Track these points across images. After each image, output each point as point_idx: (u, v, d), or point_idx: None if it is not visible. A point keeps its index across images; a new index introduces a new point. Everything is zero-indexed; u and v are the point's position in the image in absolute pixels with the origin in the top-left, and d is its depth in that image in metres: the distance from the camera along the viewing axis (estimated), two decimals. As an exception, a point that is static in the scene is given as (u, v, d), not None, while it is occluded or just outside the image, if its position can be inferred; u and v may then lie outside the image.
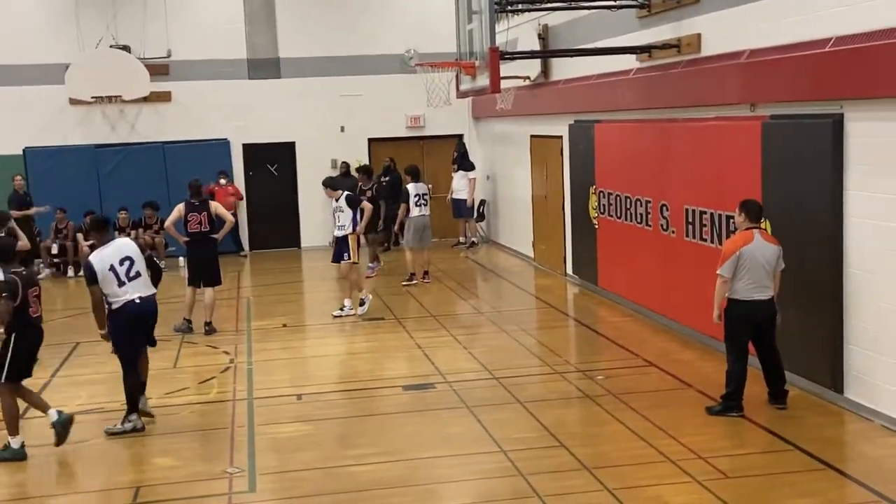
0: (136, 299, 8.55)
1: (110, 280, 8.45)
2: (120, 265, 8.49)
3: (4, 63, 18.89)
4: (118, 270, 8.47)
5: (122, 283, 8.48)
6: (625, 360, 10.55)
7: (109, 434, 8.56)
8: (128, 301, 8.51)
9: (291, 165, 20.48)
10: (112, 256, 8.50)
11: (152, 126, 19.75)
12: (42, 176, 18.92)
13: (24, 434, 8.35)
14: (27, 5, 19.12)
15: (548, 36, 15.51)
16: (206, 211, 12.58)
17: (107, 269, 8.43)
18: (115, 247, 8.63)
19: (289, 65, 20.21)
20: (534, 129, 16.83)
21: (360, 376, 10.59)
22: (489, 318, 13.13)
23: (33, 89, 18.93)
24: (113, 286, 8.46)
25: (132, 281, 8.53)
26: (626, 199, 12.71)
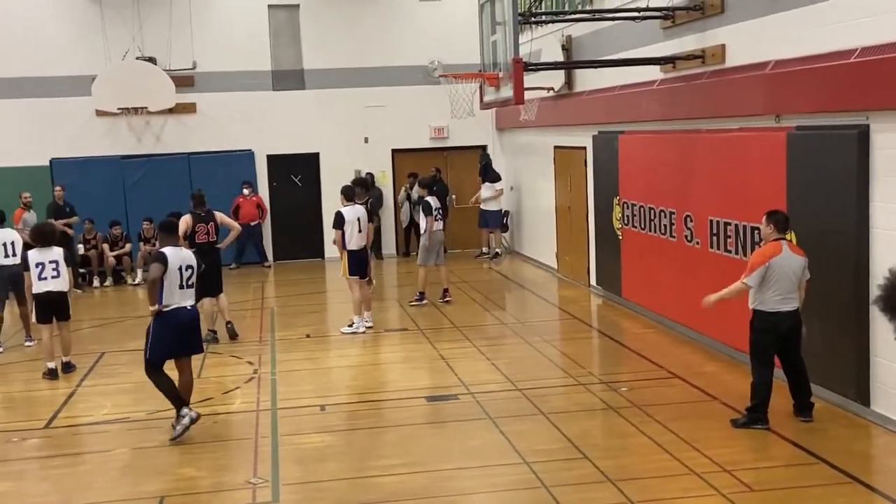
0: (188, 306, 8.82)
1: (175, 279, 8.66)
2: (185, 270, 8.76)
3: (32, 75, 19.12)
4: (183, 274, 8.73)
5: (182, 286, 8.73)
6: (648, 371, 10.50)
7: (174, 441, 8.60)
8: (181, 307, 8.72)
9: (315, 176, 20.56)
10: (180, 259, 8.77)
11: (177, 137, 19.90)
12: (69, 187, 19.05)
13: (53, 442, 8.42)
14: (55, 18, 19.35)
15: (571, 47, 15.51)
16: (213, 221, 12.64)
17: (176, 268, 8.69)
18: (184, 252, 8.97)
19: (313, 76, 20.32)
20: (557, 140, 16.82)
21: (383, 387, 10.61)
22: (512, 329, 13.11)
23: (60, 101, 19.15)
24: (175, 285, 8.67)
25: (188, 289, 8.81)
26: (650, 210, 12.67)
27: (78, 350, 12.16)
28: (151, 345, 8.72)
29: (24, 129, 19.13)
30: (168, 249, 8.79)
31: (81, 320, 14.63)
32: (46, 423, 9.46)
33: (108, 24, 19.22)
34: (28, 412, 10.10)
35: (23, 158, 19.00)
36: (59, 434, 9.17)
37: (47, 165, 19.24)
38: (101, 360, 12.04)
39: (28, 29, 19.14)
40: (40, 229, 11.51)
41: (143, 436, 8.89)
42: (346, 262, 12.96)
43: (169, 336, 8.69)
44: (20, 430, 9.26)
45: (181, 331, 8.78)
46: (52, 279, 10.98)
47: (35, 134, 19.15)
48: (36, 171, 18.87)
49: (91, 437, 9.05)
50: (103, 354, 12.28)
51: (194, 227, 12.48)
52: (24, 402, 10.54)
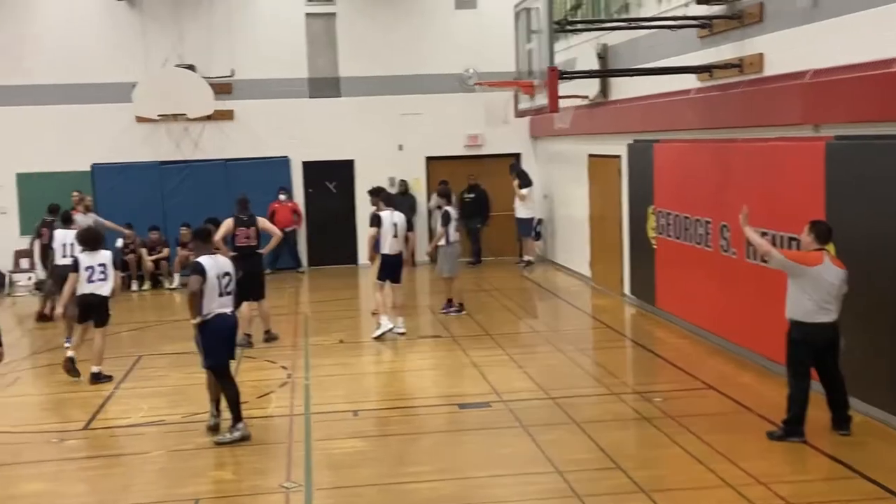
0: (228, 312, 8.88)
1: (214, 287, 8.72)
2: (223, 278, 8.83)
3: (74, 82, 19.42)
4: (221, 282, 8.79)
5: (221, 294, 8.79)
6: (683, 382, 10.43)
7: (219, 444, 8.71)
8: (221, 314, 8.78)
9: (350, 183, 20.66)
10: (217, 268, 8.83)
11: (215, 144, 20.10)
12: (109, 192, 19.37)
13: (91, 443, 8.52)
14: (97, 26, 19.63)
15: (607, 55, 15.48)
16: (254, 226, 12.79)
17: (214, 277, 8.73)
18: (221, 260, 9.03)
19: (348, 84, 20.44)
20: (592, 149, 16.79)
21: (416, 394, 10.64)
22: (545, 337, 13.08)
23: (101, 107, 19.43)
24: (214, 294, 8.73)
25: (227, 296, 8.87)
26: (685, 220, 12.60)
27: (116, 353, 12.32)
28: (206, 354, 8.84)
29: (66, 135, 19.41)
30: (205, 259, 8.85)
31: (120, 324, 14.77)
32: (85, 424, 9.59)
33: (149, 32, 19.49)
34: (67, 414, 10.23)
35: (65, 164, 19.28)
36: (96, 435, 9.29)
37: (89, 171, 19.51)
38: (138, 363, 12.18)
39: (70, 37, 19.44)
40: (88, 232, 11.64)
41: (179, 438, 8.99)
42: (378, 266, 13.06)
43: (219, 342, 8.81)
44: (59, 430, 9.40)
45: (228, 336, 8.90)
46: (99, 282, 11.12)
47: (77, 140, 19.44)
48: (78, 177, 19.12)
49: (128, 439, 9.15)
50: (141, 357, 12.42)
51: (235, 231, 12.63)
52: (63, 403, 10.67)
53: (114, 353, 12.15)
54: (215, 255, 9.04)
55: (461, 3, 20.52)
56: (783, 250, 8.62)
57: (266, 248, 13.07)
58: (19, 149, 19.35)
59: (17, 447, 8.98)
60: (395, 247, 13.18)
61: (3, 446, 9.01)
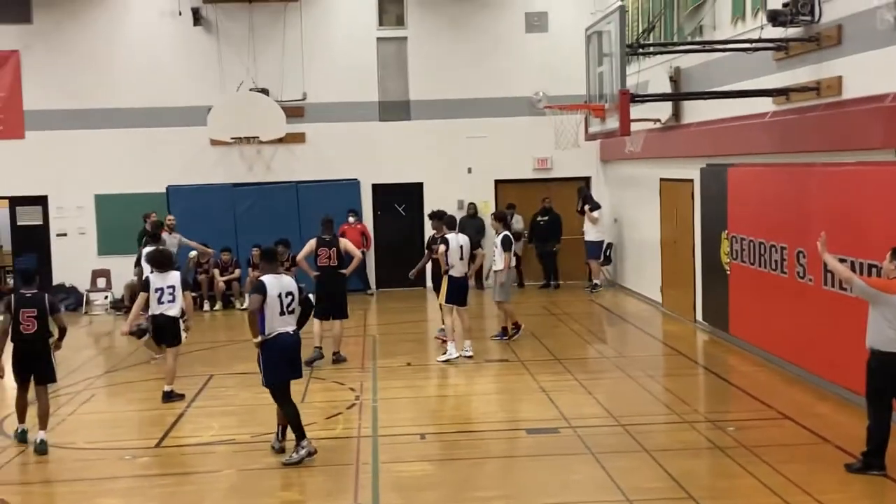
0: (291, 331, 8.93)
1: (275, 306, 8.81)
2: (285, 297, 8.90)
3: (152, 105, 19.90)
4: (283, 301, 8.86)
5: (283, 312, 8.86)
6: (757, 411, 10.19)
7: (286, 465, 8.75)
8: (283, 332, 8.86)
9: (419, 206, 20.75)
10: (280, 287, 8.91)
11: (286, 166, 20.39)
12: (183, 213, 19.72)
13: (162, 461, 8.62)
14: (174, 52, 20.11)
15: (680, 78, 15.32)
16: (336, 247, 13.04)
17: (276, 295, 8.82)
18: (285, 279, 9.09)
19: (419, 107, 20.58)
20: (663, 173, 16.60)
21: (483, 418, 10.57)
22: (615, 362, 12.92)
23: (177, 130, 19.88)
24: (275, 312, 8.81)
25: (290, 315, 8.94)
26: (760, 245, 12.35)
27: (188, 372, 12.51)
28: (265, 371, 8.91)
29: (142, 157, 19.90)
30: (267, 278, 8.93)
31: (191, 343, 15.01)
32: (157, 442, 9.73)
33: (225, 56, 19.91)
34: (140, 431, 10.40)
35: (141, 185, 19.76)
36: (168, 453, 9.42)
37: (164, 192, 19.94)
38: (209, 382, 12.34)
39: (149, 62, 19.95)
40: (158, 254, 11.89)
41: (248, 458, 9.06)
42: (445, 288, 13.06)
43: (278, 360, 8.86)
44: (132, 448, 9.55)
45: (287, 354, 8.92)
46: (168, 304, 11.34)
47: (153, 162, 19.90)
48: (153, 198, 19.56)
49: (199, 458, 9.27)
50: (212, 377, 12.59)
51: (317, 251, 12.98)
52: (137, 421, 10.86)
53: (186, 373, 12.34)
54: (280, 275, 9.09)
55: (532, 26, 20.55)
56: (864, 277, 8.38)
57: (348, 270, 13.25)
58: (98, 171, 19.88)
59: (91, 463, 9.16)
60: (462, 269, 13.21)
61: (79, 462, 9.20)
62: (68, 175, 19.86)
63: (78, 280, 19.67)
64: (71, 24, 19.87)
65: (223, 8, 19.99)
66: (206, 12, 19.95)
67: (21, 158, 19.75)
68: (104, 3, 19.96)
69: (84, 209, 20.01)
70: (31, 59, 19.82)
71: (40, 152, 19.77)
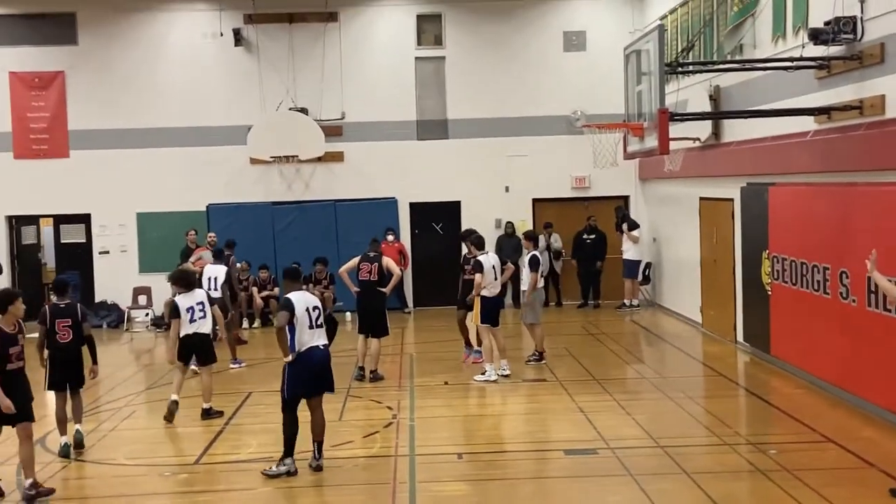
0: (321, 346, 9.08)
1: (304, 321, 8.96)
2: (313, 311, 9.05)
3: (194, 125, 20.16)
4: (311, 315, 9.00)
5: (312, 326, 9.01)
6: (799, 434, 10.04)
7: (266, 476, 8.91)
8: (314, 346, 9.01)
9: (456, 225, 20.74)
10: (305, 302, 9.06)
11: (325, 185, 20.53)
12: (222, 231, 19.87)
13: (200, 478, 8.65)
14: (215, 72, 20.36)
15: (719, 97, 15.22)
16: (378, 263, 13.17)
17: (303, 310, 8.97)
18: (308, 295, 9.25)
19: (456, 126, 20.63)
20: (703, 192, 16.47)
21: (520, 438, 10.52)
22: (654, 383, 12.79)
23: (218, 149, 20.11)
24: (305, 327, 8.96)
25: (319, 328, 9.09)
26: (802, 265, 12.20)
27: (226, 389, 12.59)
28: (287, 384, 9.06)
29: (183, 175, 20.15)
30: (293, 294, 9.07)
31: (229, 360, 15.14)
32: (196, 459, 9.79)
33: (265, 76, 20.14)
34: (179, 448, 10.49)
35: (182, 203, 20.01)
36: (207, 470, 9.47)
37: (204, 210, 20.16)
38: (247, 399, 12.40)
39: (190, 82, 20.23)
40: (183, 274, 11.92)
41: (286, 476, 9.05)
42: (479, 308, 13.03)
43: (303, 375, 8.99)
44: (171, 464, 9.63)
45: (314, 370, 9.04)
46: (199, 321, 11.37)
47: (194, 180, 20.13)
48: (194, 216, 19.78)
49: (237, 475, 9.30)
50: (250, 394, 12.65)
51: (359, 265, 13.18)
52: (176, 438, 10.94)
53: (224, 390, 12.42)
54: (303, 291, 9.24)
55: (570, 45, 20.55)
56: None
57: (388, 287, 13.32)
58: (140, 189, 20.16)
59: (131, 479, 9.23)
60: (494, 289, 13.17)
61: (119, 478, 9.28)
62: (111, 193, 20.15)
63: (119, 297, 19.92)
64: (115, 46, 20.21)
65: (264, 28, 20.23)
66: (247, 33, 20.20)
67: (65, 177, 20.08)
68: (147, 24, 20.28)
69: (126, 227, 20.28)
70: (76, 79, 20.18)
71: (84, 171, 20.10)
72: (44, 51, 20.13)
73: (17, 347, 8.60)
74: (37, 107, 20.18)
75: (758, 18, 13.60)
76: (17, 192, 20.04)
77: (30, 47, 20.11)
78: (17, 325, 8.68)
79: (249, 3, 19.92)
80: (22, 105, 20.13)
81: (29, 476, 8.52)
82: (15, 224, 20.63)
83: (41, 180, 20.03)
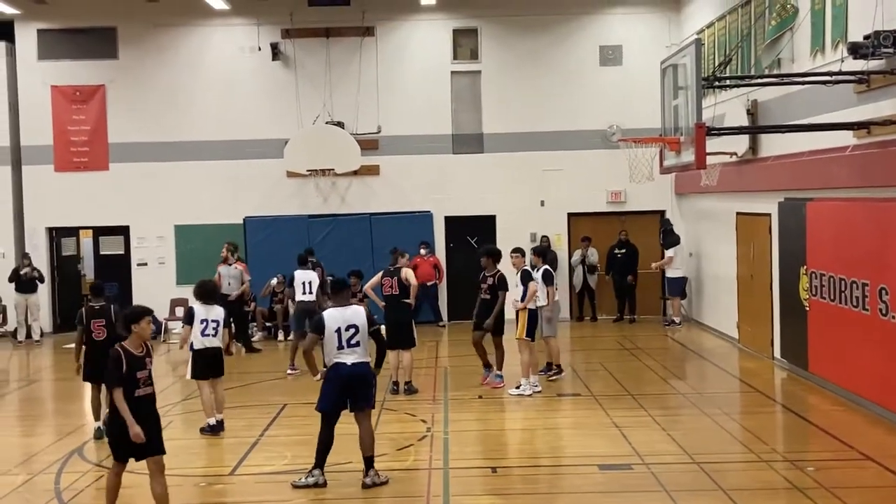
0: (348, 363, 9.02)
1: (332, 340, 9.03)
2: (346, 330, 9.03)
3: (231, 138, 20.39)
4: (342, 335, 9.03)
5: (342, 346, 9.03)
6: (838, 451, 9.90)
7: (294, 487, 9.00)
8: (339, 363, 9.03)
9: (491, 238, 20.71)
10: (342, 320, 9.06)
11: (361, 198, 20.64)
12: (259, 244, 20.14)
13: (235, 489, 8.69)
14: (253, 85, 20.57)
15: (757, 111, 15.12)
16: (397, 276, 13.35)
17: (333, 329, 9.02)
18: (350, 311, 9.18)
19: (492, 140, 20.66)
20: (740, 207, 16.35)
21: (555, 452, 10.49)
22: (690, 399, 12.69)
23: (255, 163, 20.31)
24: (332, 346, 9.04)
25: (350, 347, 9.05)
26: (841, 281, 12.07)
27: (261, 401, 12.69)
28: (319, 396, 9.22)
29: (221, 188, 20.38)
30: (329, 312, 9.13)
31: (265, 372, 15.27)
32: (231, 470, 9.86)
33: (302, 90, 20.32)
34: (216, 458, 10.56)
35: (220, 216, 20.23)
36: (242, 481, 9.53)
37: (241, 223, 20.34)
38: (283, 411, 12.47)
39: (228, 96, 20.46)
40: (204, 287, 11.75)
41: (319, 488, 9.08)
42: (524, 322, 12.96)
43: (332, 390, 9.08)
44: (207, 475, 9.70)
45: (343, 385, 9.04)
46: (212, 336, 11.29)
47: (231, 193, 20.35)
48: (231, 229, 19.98)
49: (271, 486, 9.33)
50: (285, 406, 12.72)
51: (381, 281, 13.43)
52: (211, 448, 11.02)
53: (259, 402, 12.51)
54: (345, 307, 9.20)
55: (606, 59, 20.53)
56: None
57: (410, 298, 13.45)
58: (178, 202, 20.41)
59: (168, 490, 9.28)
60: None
61: (155, 487, 9.33)
62: (149, 206, 20.42)
63: (157, 309, 20.04)
64: (154, 60, 20.50)
65: (301, 43, 20.42)
66: (284, 47, 20.40)
67: (105, 190, 20.39)
68: (186, 39, 20.57)
69: (164, 239, 20.51)
70: (116, 93, 20.50)
71: (123, 184, 20.39)
72: (85, 65, 20.48)
73: (144, 372, 7.91)
74: (78, 120, 20.52)
75: (796, 32, 13.51)
76: (58, 204, 20.39)
77: (71, 61, 20.47)
78: (144, 348, 7.98)
79: (287, 18, 20.14)
80: (63, 118, 20.48)
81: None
82: (55, 235, 20.96)
83: (81, 193, 20.36)
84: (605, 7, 20.54)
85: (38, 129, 20.40)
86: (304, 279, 15.50)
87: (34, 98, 20.44)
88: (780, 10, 13.86)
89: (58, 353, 18.40)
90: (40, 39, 20.50)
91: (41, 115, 20.41)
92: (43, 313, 20.15)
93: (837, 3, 12.17)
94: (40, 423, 12.64)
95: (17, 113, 20.62)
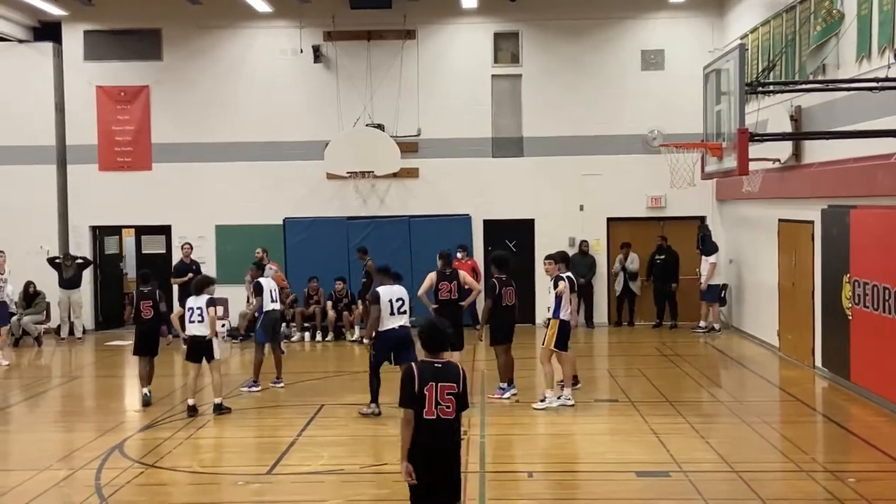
0: (397, 327, 11.86)
1: (386, 308, 11.79)
2: (396, 301, 11.88)
3: (272, 140, 20.54)
4: (393, 304, 11.87)
5: (392, 313, 11.87)
6: (880, 462, 9.76)
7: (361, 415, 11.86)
8: (391, 328, 11.83)
9: (530, 242, 20.71)
10: (392, 294, 11.92)
11: (400, 200, 20.69)
12: (298, 245, 20.26)
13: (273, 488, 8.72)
14: (294, 88, 20.71)
15: (801, 117, 14.95)
16: (456, 280, 13.26)
17: (387, 301, 11.84)
18: (395, 288, 12.01)
19: (532, 144, 20.63)
20: (782, 213, 16.17)
21: (591, 458, 10.43)
22: (728, 407, 12.57)
23: (295, 164, 20.45)
24: (387, 314, 11.80)
25: (400, 314, 11.91)
26: (885, 290, 11.88)
27: (299, 402, 12.76)
28: (373, 353, 12.01)
29: (261, 189, 20.54)
30: (382, 288, 11.92)
31: (302, 373, 15.36)
32: (268, 469, 9.93)
33: (343, 94, 20.41)
34: (254, 457, 10.65)
35: (259, 217, 20.40)
36: (279, 481, 9.59)
37: (280, 224, 20.49)
38: (320, 411, 12.53)
39: (269, 98, 20.60)
40: (199, 281, 13.02)
41: (356, 488, 9.15)
42: (555, 332, 12.59)
43: (384, 349, 11.93)
44: (246, 474, 9.77)
45: (390, 345, 11.87)
46: (198, 324, 12.34)
47: (271, 195, 20.50)
48: (270, 229, 20.15)
49: (307, 486, 9.38)
50: (322, 406, 12.78)
51: (438, 285, 13.18)
52: (249, 447, 11.13)
53: (297, 402, 12.59)
54: (391, 286, 11.95)
55: (648, 63, 20.41)
56: None
57: (466, 302, 13.46)
58: (220, 202, 20.60)
59: (205, 487, 9.41)
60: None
61: (193, 486, 9.47)
62: (191, 206, 20.64)
63: (197, 308, 20.29)
64: (197, 62, 20.73)
65: (342, 46, 20.53)
66: (326, 50, 20.53)
67: (147, 189, 20.64)
68: (229, 41, 20.76)
69: (205, 239, 20.70)
70: (160, 94, 20.75)
71: (165, 184, 20.63)
72: (130, 66, 20.76)
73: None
74: (122, 120, 20.80)
75: (842, 38, 13.34)
76: (101, 203, 20.67)
77: (116, 62, 20.76)
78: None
79: (329, 20, 20.25)
80: (108, 118, 20.77)
81: None
82: (98, 234, 21.24)
83: (124, 192, 20.63)
84: (648, 11, 20.42)
85: (84, 128, 20.71)
86: (271, 286, 14.21)
87: (80, 98, 20.76)
88: (825, 15, 13.69)
89: (100, 351, 18.66)
90: (87, 41, 20.80)
91: (86, 116, 20.72)
92: (85, 311, 20.41)
93: (884, 8, 12.01)
94: (82, 420, 12.81)
95: (63, 113, 20.95)
